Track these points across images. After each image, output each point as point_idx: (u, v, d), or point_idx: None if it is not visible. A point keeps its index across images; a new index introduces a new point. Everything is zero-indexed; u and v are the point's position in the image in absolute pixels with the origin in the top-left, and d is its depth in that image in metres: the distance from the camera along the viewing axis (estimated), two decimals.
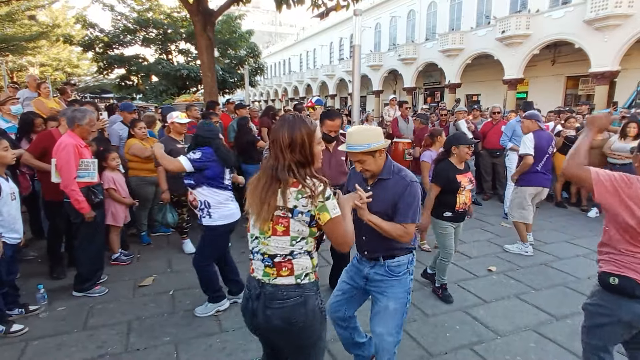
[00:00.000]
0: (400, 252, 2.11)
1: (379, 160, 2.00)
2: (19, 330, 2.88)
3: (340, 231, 1.54)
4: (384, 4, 30.15)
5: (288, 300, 1.54)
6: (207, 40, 8.95)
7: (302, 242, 1.56)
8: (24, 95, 6.15)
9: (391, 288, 2.10)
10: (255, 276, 1.62)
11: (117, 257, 4.19)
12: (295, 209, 1.50)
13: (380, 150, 1.99)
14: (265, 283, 1.58)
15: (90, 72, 27.49)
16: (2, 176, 2.85)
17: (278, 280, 1.56)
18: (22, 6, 17.06)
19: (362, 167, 2.00)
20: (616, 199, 1.69)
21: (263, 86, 52.34)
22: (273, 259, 1.55)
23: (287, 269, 1.55)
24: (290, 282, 1.55)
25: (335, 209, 1.52)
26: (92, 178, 3.38)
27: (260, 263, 1.59)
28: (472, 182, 3.35)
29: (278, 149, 1.52)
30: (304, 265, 1.58)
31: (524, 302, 3.44)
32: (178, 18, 18.92)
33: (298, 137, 1.51)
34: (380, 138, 1.98)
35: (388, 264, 2.09)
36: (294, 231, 1.53)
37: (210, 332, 2.93)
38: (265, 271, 1.58)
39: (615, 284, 1.76)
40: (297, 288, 1.56)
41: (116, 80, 20.19)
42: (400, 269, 2.10)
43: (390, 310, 2.07)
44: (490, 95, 23.05)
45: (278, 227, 1.53)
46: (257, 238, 1.59)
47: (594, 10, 15.97)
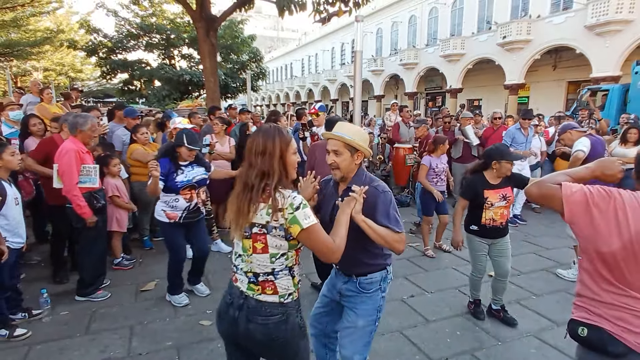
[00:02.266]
0: (373, 269, 2.00)
1: (353, 163, 1.88)
2: (22, 334, 2.90)
3: (317, 240, 1.53)
4: (385, 9, 30.29)
5: (271, 317, 1.56)
6: (210, 46, 9.03)
7: (282, 259, 1.56)
8: (27, 101, 6.22)
9: (361, 304, 2.01)
10: (239, 287, 1.62)
11: (120, 261, 4.21)
12: (269, 225, 1.50)
13: (360, 155, 1.89)
14: (249, 296, 1.59)
15: (94, 76, 27.68)
16: (5, 181, 2.89)
17: (262, 296, 1.57)
18: (26, 12, 17.21)
19: (334, 160, 1.86)
20: (587, 218, 1.35)
21: (265, 91, 52.50)
22: (257, 277, 1.57)
23: (271, 288, 1.57)
24: (274, 300, 1.57)
25: (308, 219, 1.49)
26: (94, 183, 3.40)
27: (244, 278, 1.60)
28: (505, 199, 3.07)
29: (253, 157, 1.53)
30: (287, 285, 1.59)
31: (524, 308, 3.45)
32: (181, 23, 19.06)
33: (271, 145, 1.52)
34: (366, 143, 1.90)
35: (360, 280, 1.99)
36: (273, 247, 1.54)
37: (211, 337, 2.94)
38: (250, 286, 1.59)
39: (584, 336, 1.42)
40: (281, 306, 1.58)
41: (119, 85, 20.34)
42: (372, 287, 2.00)
43: (359, 327, 1.99)
44: (491, 100, 23.08)
45: (257, 244, 1.54)
46: (240, 256, 1.61)
47: (594, 16, 16.01)
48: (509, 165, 3.02)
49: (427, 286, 3.84)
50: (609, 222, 1.31)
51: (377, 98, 32.02)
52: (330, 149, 1.87)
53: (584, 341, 1.43)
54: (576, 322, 1.45)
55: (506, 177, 3.11)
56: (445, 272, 4.23)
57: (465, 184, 3.21)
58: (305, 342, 1.71)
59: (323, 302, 2.22)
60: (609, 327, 1.35)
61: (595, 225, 1.33)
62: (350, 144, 1.84)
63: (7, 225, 2.85)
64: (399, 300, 3.55)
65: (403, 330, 3.07)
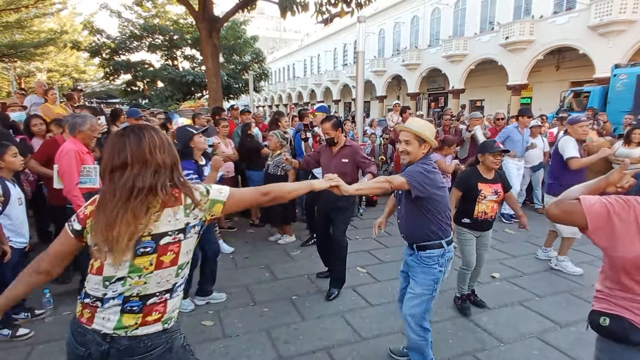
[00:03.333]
0: (432, 245, 2.33)
1: (421, 152, 2.27)
2: (24, 334, 2.92)
3: (242, 197, 1.46)
4: (387, 10, 30.29)
5: (154, 351, 1.29)
6: (213, 47, 9.05)
7: (186, 269, 1.40)
8: (32, 101, 6.25)
9: (420, 274, 2.37)
10: (99, 330, 1.27)
11: None
12: (188, 226, 1.32)
13: (426, 145, 2.27)
14: (117, 337, 1.27)
15: (97, 77, 27.75)
16: (9, 181, 2.90)
17: (140, 330, 1.28)
18: (30, 13, 17.31)
19: (405, 148, 2.28)
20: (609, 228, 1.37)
21: (267, 91, 52.58)
22: (145, 301, 1.29)
23: (158, 312, 1.31)
24: (157, 329, 1.31)
25: (222, 191, 1.40)
26: (94, 184, 3.40)
27: (116, 310, 1.28)
28: (496, 194, 3.23)
29: (152, 155, 1.28)
30: (176, 305, 1.38)
31: (527, 309, 3.43)
32: (184, 24, 19.12)
33: (161, 135, 1.36)
34: (433, 136, 2.29)
35: (420, 254, 2.36)
36: (184, 254, 1.34)
37: (213, 337, 2.94)
38: (122, 321, 1.27)
39: (606, 325, 1.45)
40: (164, 334, 1.33)
41: (122, 86, 20.41)
42: (431, 261, 2.34)
43: (417, 294, 2.36)
44: (494, 101, 23.02)
45: (165, 257, 1.28)
46: (121, 279, 1.27)
47: (598, 16, 15.96)
48: (492, 158, 3.20)
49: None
50: (630, 230, 1.33)
51: (379, 99, 32.01)
52: (402, 139, 2.29)
53: (606, 331, 1.45)
54: (597, 313, 1.49)
55: (497, 174, 3.31)
56: None
57: (460, 177, 3.37)
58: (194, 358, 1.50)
59: (402, 278, 2.63)
60: (630, 316, 1.38)
61: (617, 234, 1.34)
62: (418, 134, 2.23)
63: (10, 225, 2.86)
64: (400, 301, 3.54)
65: (404, 330, 3.05)
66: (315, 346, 2.86)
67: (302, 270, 4.21)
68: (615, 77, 12.72)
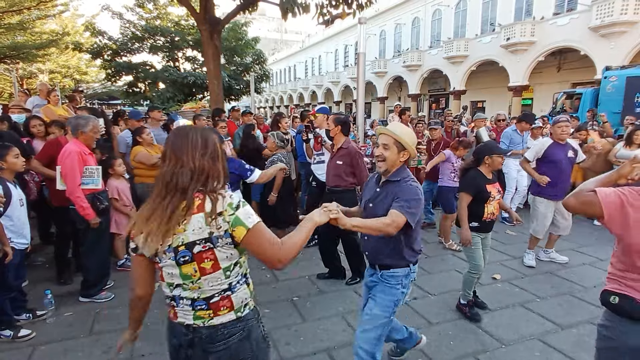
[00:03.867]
0: (397, 264, 2.15)
1: (399, 160, 2.09)
2: (26, 335, 2.92)
3: (261, 243, 1.31)
4: (388, 11, 30.32)
5: (231, 338, 1.37)
6: (214, 49, 9.07)
7: (237, 268, 1.39)
8: (34, 103, 6.27)
9: (380, 294, 2.18)
10: (182, 322, 1.39)
11: (123, 262, 4.23)
12: (213, 236, 1.29)
13: (406, 153, 2.09)
14: (197, 327, 1.37)
15: (99, 79, 27.83)
16: (10, 182, 2.91)
17: (215, 320, 1.37)
18: (32, 15, 17.36)
19: (382, 153, 2.08)
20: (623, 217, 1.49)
21: (269, 93, 52.65)
22: (208, 301, 1.35)
23: (226, 307, 1.37)
24: (230, 318, 1.38)
25: (251, 217, 1.31)
26: (97, 185, 3.42)
27: (188, 307, 1.37)
28: (500, 192, 3.24)
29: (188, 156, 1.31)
30: (243, 297, 1.41)
31: (529, 311, 3.43)
32: (185, 26, 19.15)
33: (211, 142, 1.37)
34: (414, 146, 2.12)
35: (383, 273, 2.18)
36: (224, 260, 1.33)
37: None
38: (197, 315, 1.37)
39: (615, 303, 1.60)
40: (239, 322, 1.39)
41: (124, 87, 20.41)
42: (393, 280, 2.16)
43: (373, 315, 2.14)
44: (495, 102, 23.00)
45: (204, 264, 1.31)
46: (179, 286, 1.36)
47: (599, 17, 15.95)
48: (500, 159, 3.19)
49: (430, 288, 3.83)
50: None
51: (380, 100, 32.02)
52: (381, 143, 2.09)
53: (614, 308, 1.62)
54: (608, 292, 1.65)
55: (494, 174, 3.30)
56: (448, 275, 4.21)
57: (468, 180, 3.23)
58: (270, 355, 1.56)
59: (364, 293, 2.41)
60: (638, 296, 1.55)
61: (631, 222, 1.47)
62: (398, 140, 2.05)
63: (12, 226, 2.87)
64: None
65: None
66: (316, 347, 2.86)
67: (303, 272, 4.21)
68: (605, 79, 13.02)
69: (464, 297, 3.34)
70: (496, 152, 3.18)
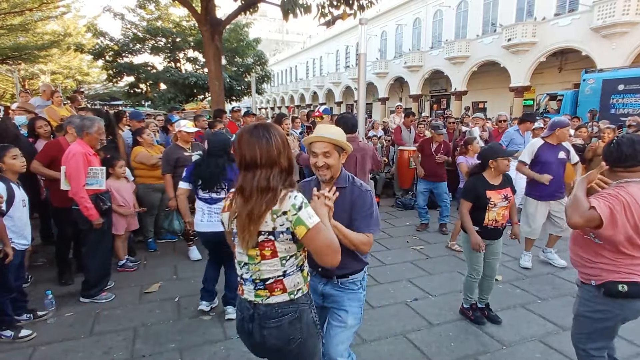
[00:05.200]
0: (356, 269, 2.02)
1: (340, 162, 1.89)
2: (27, 335, 2.93)
3: (321, 241, 1.44)
4: (390, 12, 30.33)
5: (283, 317, 1.52)
6: (215, 49, 9.09)
7: (292, 259, 1.52)
8: (37, 103, 6.29)
9: (349, 302, 2.02)
10: (246, 298, 1.58)
11: (124, 263, 4.23)
12: (276, 230, 1.44)
13: (344, 155, 1.90)
14: (257, 304, 1.54)
15: (100, 79, 27.90)
16: (14, 183, 2.92)
17: (271, 299, 1.53)
18: (34, 16, 17.41)
19: (325, 162, 1.84)
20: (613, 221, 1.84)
21: (270, 93, 52.72)
22: (265, 282, 1.52)
23: (280, 288, 1.53)
24: (284, 299, 1.53)
25: (312, 217, 1.43)
26: (100, 185, 3.43)
27: (251, 286, 1.55)
28: (507, 199, 3.08)
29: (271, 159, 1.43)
30: (296, 281, 1.55)
31: (530, 312, 3.42)
32: (187, 27, 19.19)
33: (281, 142, 1.47)
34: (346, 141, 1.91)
35: (342, 281, 2.01)
36: (282, 251, 1.49)
37: (215, 340, 2.94)
38: (257, 293, 1.54)
39: (625, 291, 1.91)
40: (292, 304, 1.54)
41: (125, 88, 20.47)
42: (355, 286, 2.03)
43: (347, 326, 2.00)
44: (496, 103, 22.99)
45: (265, 251, 1.48)
46: (246, 264, 1.55)
47: (601, 18, 15.93)
48: (506, 162, 3.05)
49: (431, 289, 3.82)
50: (622, 217, 1.83)
51: (381, 100, 32.02)
52: (320, 152, 1.84)
53: (625, 294, 1.92)
54: (613, 282, 1.94)
55: (505, 178, 3.14)
56: (449, 276, 4.20)
57: (466, 187, 3.18)
58: (320, 343, 1.68)
59: None
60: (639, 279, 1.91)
61: (619, 224, 1.83)
62: (337, 144, 1.84)
63: (13, 227, 2.87)
64: (403, 303, 3.54)
65: (406, 333, 3.05)
66: None
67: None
68: (584, 82, 13.76)
69: (467, 301, 3.32)
70: (501, 154, 3.05)
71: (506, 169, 3.09)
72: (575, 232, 2.11)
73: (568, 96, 14.56)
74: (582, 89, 13.85)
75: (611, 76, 13.02)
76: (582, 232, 2.06)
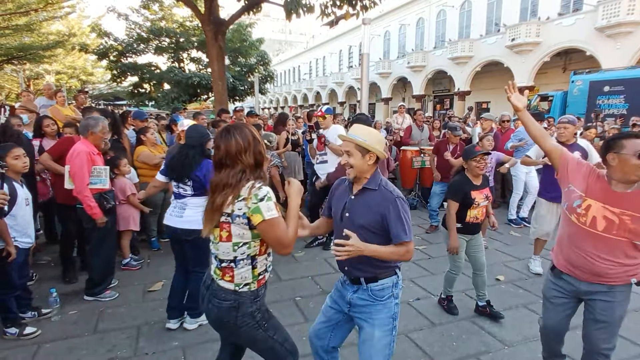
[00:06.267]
0: (383, 275, 1.95)
1: (366, 164, 1.89)
2: (31, 333, 2.95)
3: (273, 234, 1.63)
4: (393, 12, 30.31)
5: (224, 302, 1.71)
6: (218, 50, 9.12)
7: (245, 248, 1.68)
8: (41, 103, 6.32)
9: (376, 314, 1.92)
10: (210, 269, 1.82)
11: (128, 262, 4.26)
12: (233, 213, 1.62)
13: (372, 155, 1.89)
14: (214, 279, 1.76)
15: (104, 79, 28.00)
16: (17, 182, 2.94)
17: (221, 282, 1.73)
18: (40, 16, 17.52)
19: (347, 161, 1.90)
20: None
21: (273, 93, 52.75)
22: (221, 263, 1.72)
23: (229, 275, 1.71)
24: (229, 287, 1.71)
25: (270, 211, 1.61)
26: (104, 185, 3.45)
27: (215, 262, 1.77)
28: (487, 199, 3.27)
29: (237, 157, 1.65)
30: (244, 275, 1.71)
31: (532, 312, 3.41)
32: (190, 27, 19.26)
33: (248, 141, 1.67)
34: (380, 146, 1.90)
35: (371, 287, 1.93)
36: (236, 236, 1.66)
37: (216, 338, 2.91)
38: (215, 271, 1.76)
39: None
40: (234, 294, 1.71)
41: (129, 88, 20.56)
42: (384, 293, 1.94)
43: (376, 339, 1.90)
44: (500, 103, 22.90)
45: (222, 232, 1.67)
46: (212, 242, 1.76)
47: (605, 18, 15.85)
48: (474, 163, 3.17)
49: (434, 289, 3.82)
50: None
51: (384, 101, 31.99)
52: (344, 150, 1.94)
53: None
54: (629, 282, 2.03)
55: (484, 179, 3.31)
56: None
57: (454, 187, 3.25)
58: (263, 334, 1.79)
59: (328, 314, 2.10)
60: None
61: None
62: (360, 145, 1.86)
63: (16, 226, 2.89)
64: (405, 302, 3.54)
65: (408, 333, 3.06)
66: None
67: (306, 272, 4.21)
68: (572, 83, 14.11)
69: (444, 293, 3.49)
70: (469, 157, 3.18)
71: (476, 171, 3.19)
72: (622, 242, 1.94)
73: (558, 97, 14.90)
74: (571, 90, 14.21)
75: (597, 78, 13.46)
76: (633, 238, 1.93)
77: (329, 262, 4.41)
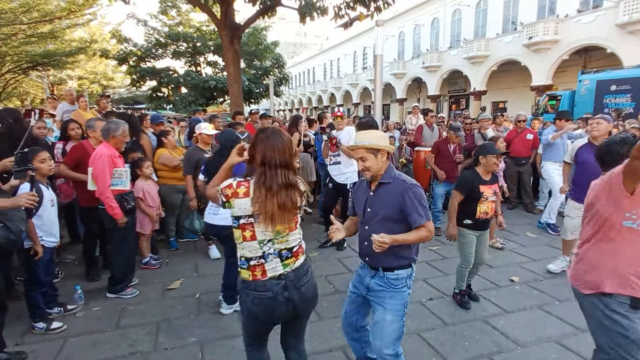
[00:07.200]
0: (400, 265, 2.15)
1: (380, 161, 2.09)
2: (58, 327, 3.09)
3: None
4: (407, 12, 30.14)
5: (308, 271, 1.93)
6: (234, 53, 9.27)
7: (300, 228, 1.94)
8: (64, 109, 6.55)
9: (389, 299, 2.14)
10: (273, 275, 1.81)
11: (147, 261, 4.40)
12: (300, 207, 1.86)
13: (383, 152, 2.09)
14: (286, 273, 1.83)
15: (124, 84, 28.77)
16: (43, 184, 3.09)
17: (297, 263, 1.88)
18: (62, 24, 18.12)
19: (363, 165, 2.10)
20: None
21: (288, 96, 53.06)
22: (292, 250, 1.86)
23: (301, 252, 1.92)
24: (304, 258, 1.94)
25: None
26: (125, 186, 3.59)
27: (277, 259, 1.82)
28: (496, 194, 3.35)
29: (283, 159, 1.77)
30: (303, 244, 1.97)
31: (547, 314, 3.38)
32: (207, 31, 19.61)
33: (289, 145, 1.83)
34: (386, 142, 2.13)
35: (387, 275, 2.15)
36: (299, 223, 1.92)
37: (233, 334, 3.04)
38: (285, 263, 1.84)
39: None
40: (307, 260, 1.96)
41: (148, 92, 21.07)
42: (399, 282, 2.15)
43: (387, 322, 2.12)
44: (517, 103, 22.51)
45: (292, 224, 1.86)
46: (270, 241, 1.80)
47: (627, 14, 15.45)
48: (493, 159, 3.25)
49: (446, 289, 3.82)
50: None
51: (399, 101, 31.82)
52: (357, 157, 2.13)
53: None
54: None
55: (493, 175, 3.39)
56: None
57: (461, 179, 3.40)
58: None
59: (351, 296, 2.37)
60: None
61: None
62: (368, 147, 2.08)
63: (42, 226, 3.04)
64: (418, 302, 3.56)
65: (421, 332, 3.08)
66: (331, 345, 2.92)
67: (320, 272, 4.26)
68: (580, 83, 14.03)
69: (457, 287, 3.58)
70: (490, 152, 3.26)
71: (494, 167, 3.28)
72: None
73: (566, 96, 14.76)
74: (579, 90, 14.08)
75: (604, 77, 13.38)
76: None
77: (342, 262, 4.45)
